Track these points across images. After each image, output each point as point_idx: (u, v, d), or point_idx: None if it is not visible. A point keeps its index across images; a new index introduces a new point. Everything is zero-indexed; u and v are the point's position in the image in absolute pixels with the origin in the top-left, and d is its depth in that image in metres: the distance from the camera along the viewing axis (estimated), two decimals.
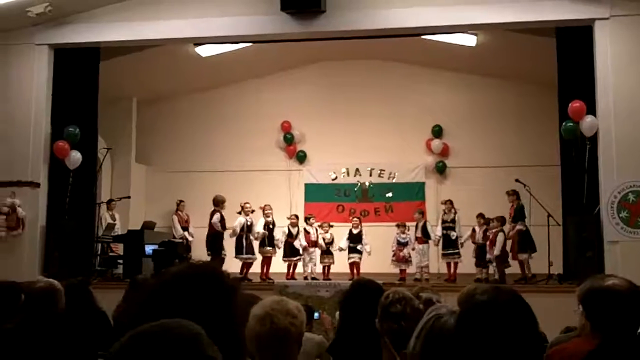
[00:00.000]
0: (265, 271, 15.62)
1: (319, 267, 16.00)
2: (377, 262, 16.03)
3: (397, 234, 15.92)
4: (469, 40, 16.89)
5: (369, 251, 15.94)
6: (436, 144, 20.00)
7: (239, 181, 19.16)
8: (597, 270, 11.48)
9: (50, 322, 4.84)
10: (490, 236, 14.65)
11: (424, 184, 20.15)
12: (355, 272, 15.71)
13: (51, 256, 14.12)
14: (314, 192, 20.33)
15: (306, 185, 20.57)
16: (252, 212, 15.91)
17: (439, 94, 20.08)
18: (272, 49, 17.78)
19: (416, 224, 16.20)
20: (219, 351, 1.63)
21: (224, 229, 15.70)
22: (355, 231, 16.17)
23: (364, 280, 5.46)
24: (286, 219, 16.41)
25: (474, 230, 15.42)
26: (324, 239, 15.96)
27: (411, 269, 15.77)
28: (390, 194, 19.89)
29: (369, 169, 20.34)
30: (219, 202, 15.90)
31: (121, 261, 15.50)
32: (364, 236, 16.10)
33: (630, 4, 12.97)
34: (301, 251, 15.89)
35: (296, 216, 16.64)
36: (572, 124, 12.98)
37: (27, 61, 14.51)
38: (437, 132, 20.12)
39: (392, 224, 17.01)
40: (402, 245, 15.69)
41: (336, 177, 20.56)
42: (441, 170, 20.10)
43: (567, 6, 13.17)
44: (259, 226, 15.78)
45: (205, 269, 2.54)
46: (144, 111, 20.26)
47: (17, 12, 13.61)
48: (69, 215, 14.37)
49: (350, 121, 19.89)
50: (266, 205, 16.06)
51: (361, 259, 15.93)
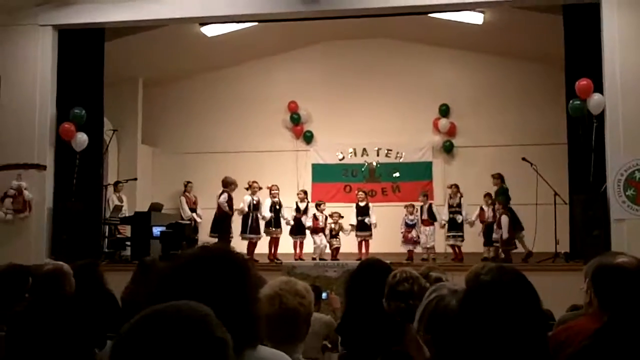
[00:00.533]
0: (273, 252, 15.63)
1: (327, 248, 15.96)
2: (384, 242, 16.04)
3: (405, 215, 15.88)
4: (476, 18, 16.81)
5: (375, 223, 15.92)
6: (443, 123, 19.96)
7: (245, 162, 19.16)
8: (604, 248, 11.45)
9: (59, 305, 4.84)
10: (497, 216, 14.65)
11: (431, 163, 20.14)
12: (364, 250, 15.79)
13: (59, 239, 14.14)
14: (321, 172, 20.33)
15: (313, 165, 20.58)
16: (259, 189, 15.89)
17: (446, 72, 20.03)
18: (278, 29, 17.72)
19: (421, 207, 16.11)
20: (227, 332, 1.63)
21: (231, 210, 15.67)
22: (362, 204, 16.16)
23: (372, 260, 5.46)
24: (296, 195, 16.45)
25: (482, 209, 15.42)
26: (331, 230, 15.87)
27: (418, 249, 15.76)
28: (397, 174, 19.89)
29: (376, 148, 20.32)
30: (228, 184, 15.86)
31: (129, 243, 15.55)
32: (371, 209, 16.09)
33: None
34: (309, 232, 15.88)
35: (304, 192, 16.64)
36: (579, 102, 12.92)
37: (31, 42, 14.46)
38: (444, 111, 20.07)
39: (400, 203, 17.02)
40: (410, 226, 15.67)
41: (343, 157, 20.55)
42: (448, 149, 20.07)
43: None
44: (266, 206, 15.75)
45: (219, 251, 2.55)
46: (149, 92, 20.23)
47: None
48: (75, 197, 14.36)
49: (357, 101, 19.87)
50: (273, 185, 15.99)
51: (371, 236, 15.93)
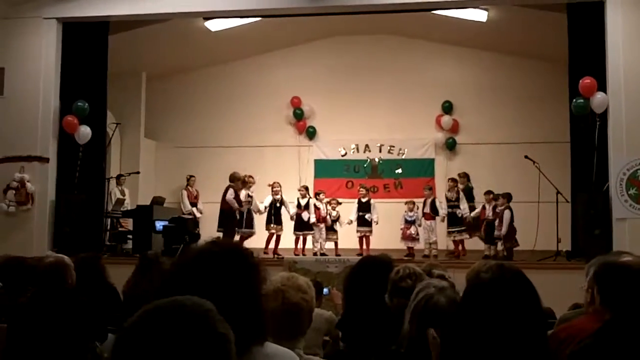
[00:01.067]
0: (274, 248, 15.65)
1: (328, 244, 15.99)
2: (385, 238, 16.06)
3: (405, 211, 15.90)
4: (479, 15, 16.80)
5: (377, 220, 15.96)
6: (446, 120, 19.95)
7: (248, 157, 19.17)
8: (606, 247, 11.48)
9: (60, 298, 4.86)
10: (498, 213, 14.68)
11: (433, 160, 20.12)
12: (365, 246, 15.80)
13: (61, 231, 14.16)
14: (323, 168, 20.33)
15: (316, 161, 20.57)
16: (254, 184, 15.97)
17: (450, 69, 20.02)
18: (282, 24, 17.72)
19: (424, 200, 16.09)
20: (231, 328, 1.64)
21: (240, 205, 15.63)
22: (364, 200, 16.19)
23: (372, 256, 5.47)
24: (297, 190, 16.41)
25: (483, 207, 15.45)
26: (330, 215, 15.95)
27: (419, 246, 15.77)
28: (399, 170, 19.87)
29: (379, 145, 20.32)
30: (234, 179, 15.79)
31: (130, 236, 15.57)
32: (372, 205, 16.10)
33: None
34: (312, 227, 15.91)
35: (305, 187, 16.60)
36: (582, 101, 12.92)
37: (35, 35, 14.47)
38: (447, 108, 20.05)
39: (402, 200, 16.97)
40: (409, 223, 15.67)
41: (346, 153, 20.54)
42: (451, 146, 20.06)
43: None
44: (265, 202, 15.89)
45: (229, 247, 2.56)
46: (153, 86, 20.22)
47: None
48: (78, 190, 14.38)
49: (360, 97, 19.86)
50: (275, 182, 16.04)
51: (371, 232, 15.94)
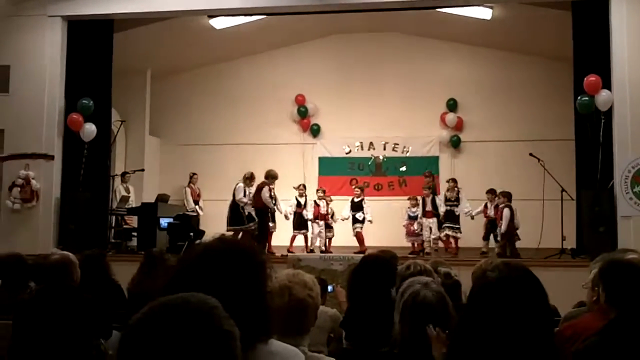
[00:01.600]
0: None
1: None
2: (390, 235, 16.19)
3: (409, 207, 15.93)
4: (484, 13, 16.79)
5: (370, 219, 16.05)
6: (450, 117, 19.93)
7: (252, 154, 19.18)
8: (611, 245, 11.47)
9: (65, 295, 4.86)
10: (500, 211, 14.76)
11: (437, 158, 20.12)
12: (359, 242, 15.88)
13: (66, 228, 14.18)
14: (327, 165, 20.33)
15: (320, 158, 20.57)
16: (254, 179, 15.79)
17: (454, 67, 20.02)
18: (286, 21, 17.73)
19: (423, 199, 16.14)
20: (236, 325, 1.64)
21: (276, 203, 15.53)
22: (356, 200, 16.30)
23: (375, 254, 5.47)
24: (293, 189, 16.40)
25: (485, 205, 15.57)
26: (326, 212, 16.09)
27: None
28: (404, 168, 19.87)
29: (383, 142, 20.31)
30: (270, 177, 15.42)
31: (135, 234, 15.58)
32: (365, 205, 16.20)
33: None
34: (310, 224, 15.99)
35: (304, 186, 16.61)
36: (587, 99, 12.90)
37: (40, 33, 14.51)
38: (452, 105, 20.05)
39: (406, 197, 16.98)
40: (412, 219, 15.72)
41: (350, 151, 20.54)
42: (455, 144, 20.05)
43: None
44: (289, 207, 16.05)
45: (235, 243, 2.56)
46: (157, 84, 20.23)
47: None
48: (83, 187, 14.40)
49: (364, 94, 19.87)
50: (300, 185, 16.50)
51: (362, 228, 16.03)
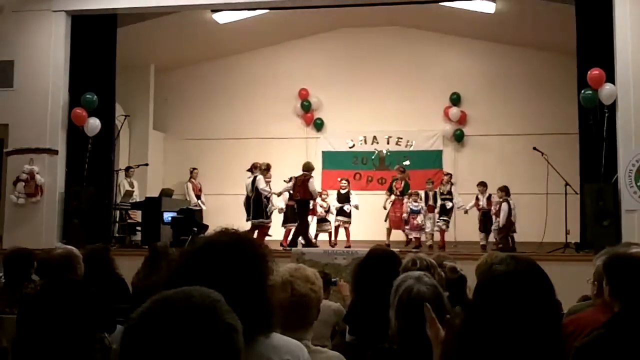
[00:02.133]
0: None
1: (322, 235, 16.26)
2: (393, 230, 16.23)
3: (410, 202, 15.96)
4: (487, 7, 16.77)
5: (356, 205, 16.19)
6: (454, 111, 19.92)
7: (256, 148, 19.13)
8: (615, 239, 11.45)
9: (69, 289, 4.86)
10: (496, 205, 15.01)
11: (441, 152, 20.10)
12: (345, 237, 16.05)
13: (70, 223, 14.21)
14: (331, 159, 20.32)
15: (323, 152, 20.54)
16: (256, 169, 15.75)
17: (458, 61, 19.99)
18: (290, 16, 17.73)
19: (426, 193, 16.27)
20: (237, 319, 1.64)
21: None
22: (343, 192, 16.46)
23: (381, 248, 5.48)
24: (284, 182, 16.16)
25: (477, 198, 15.75)
26: (321, 207, 16.21)
27: (422, 237, 15.87)
28: (407, 162, 19.83)
29: (387, 136, 20.30)
30: (310, 169, 15.58)
31: (139, 228, 15.60)
32: (351, 196, 16.35)
33: None
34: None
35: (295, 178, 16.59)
36: (590, 92, 12.88)
37: (44, 28, 14.52)
38: (455, 99, 20.02)
39: (418, 191, 16.94)
40: (415, 213, 15.76)
41: (353, 145, 20.53)
42: (459, 138, 20.03)
43: None
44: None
45: (237, 237, 2.57)
46: (161, 78, 20.26)
47: None
48: (87, 182, 14.42)
49: (367, 88, 19.85)
50: (323, 191, 16.79)
51: (350, 223, 16.18)
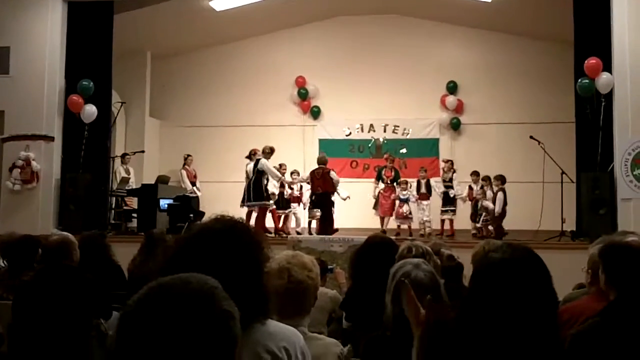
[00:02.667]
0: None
1: (304, 223, 16.25)
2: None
3: (399, 190, 15.99)
4: None
5: (347, 197, 16.03)
6: (451, 100, 19.93)
7: (252, 136, 19.10)
8: (610, 227, 11.49)
9: (65, 275, 4.86)
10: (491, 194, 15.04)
11: (438, 140, 20.14)
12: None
13: (66, 209, 14.21)
14: (327, 147, 20.25)
15: (320, 140, 20.54)
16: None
17: (455, 50, 20.00)
18: (286, 3, 17.72)
19: (418, 181, 16.35)
20: (234, 305, 1.64)
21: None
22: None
23: (378, 236, 5.49)
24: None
25: (470, 187, 15.76)
26: (300, 194, 16.46)
27: (414, 225, 15.98)
28: (404, 150, 19.85)
29: (383, 124, 20.32)
30: (325, 163, 15.71)
31: (135, 215, 15.59)
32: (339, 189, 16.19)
33: None
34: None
35: (285, 166, 16.73)
36: (587, 81, 12.88)
37: (41, 14, 14.48)
38: (452, 88, 20.03)
39: (407, 180, 16.97)
40: (402, 201, 15.82)
41: (350, 133, 20.55)
42: (455, 126, 20.06)
43: None
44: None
45: (232, 224, 2.56)
46: (158, 65, 20.23)
47: None
48: (83, 168, 14.41)
49: (364, 76, 19.85)
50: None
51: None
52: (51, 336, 2.58)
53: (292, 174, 16.58)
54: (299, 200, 16.48)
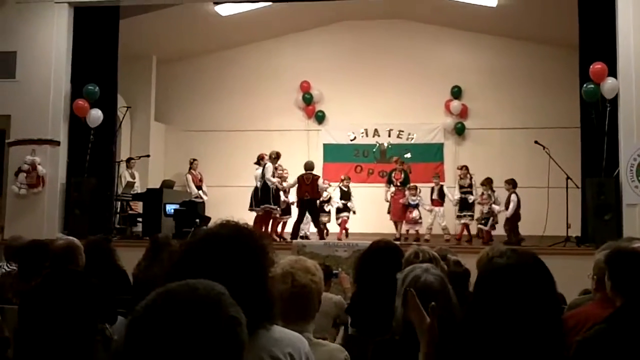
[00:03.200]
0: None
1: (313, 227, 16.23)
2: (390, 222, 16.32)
3: (408, 196, 15.96)
4: (490, 0, 16.75)
5: (354, 211, 16.39)
6: (455, 105, 19.93)
7: (257, 140, 19.13)
8: (616, 233, 11.47)
9: (71, 279, 4.87)
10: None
11: (442, 145, 20.14)
12: (343, 230, 16.31)
13: (71, 214, 14.22)
14: (332, 152, 20.34)
15: (325, 145, 20.58)
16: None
17: (459, 54, 20.00)
18: (292, 8, 17.72)
19: (432, 188, 16.38)
20: (241, 311, 1.65)
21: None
22: (345, 189, 16.57)
23: (383, 242, 5.49)
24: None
25: (482, 194, 15.64)
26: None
27: (422, 230, 15.95)
28: (408, 155, 19.83)
29: (388, 129, 20.32)
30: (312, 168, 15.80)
31: (140, 219, 15.61)
32: (352, 195, 16.54)
33: None
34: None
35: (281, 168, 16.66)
36: (593, 86, 12.87)
37: (47, 19, 14.50)
38: (457, 93, 20.03)
39: (417, 185, 16.97)
40: (412, 207, 15.79)
41: (355, 138, 20.55)
42: (460, 131, 20.05)
43: None
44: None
45: (238, 229, 2.57)
46: (163, 70, 20.25)
47: None
48: (88, 173, 14.41)
49: (369, 81, 19.85)
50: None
51: (349, 217, 16.37)
52: (56, 341, 2.59)
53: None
54: None
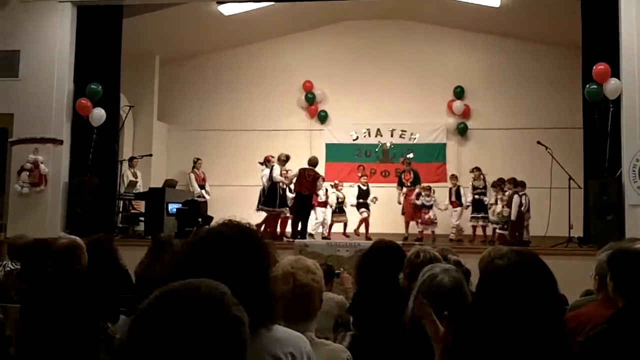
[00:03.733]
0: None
1: (337, 225, 16.31)
2: (395, 222, 16.35)
3: (423, 196, 15.93)
4: (492, 0, 16.74)
5: (375, 201, 16.53)
6: (458, 105, 19.92)
7: (260, 140, 19.18)
8: (618, 233, 11.47)
9: (74, 278, 4.88)
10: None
11: (445, 145, 20.12)
12: (365, 227, 16.38)
13: (73, 213, 14.22)
14: (335, 152, 20.33)
15: (327, 145, 20.56)
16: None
17: (462, 55, 19.98)
18: (295, 8, 17.73)
19: (450, 189, 16.48)
20: (244, 311, 1.65)
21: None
22: (364, 187, 16.69)
23: (384, 241, 5.48)
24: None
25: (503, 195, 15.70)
26: (337, 198, 16.53)
27: (438, 230, 15.92)
28: (411, 155, 19.81)
29: (390, 129, 20.31)
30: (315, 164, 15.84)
31: (142, 218, 15.61)
32: (370, 193, 16.66)
33: None
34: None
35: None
36: (595, 87, 12.87)
37: (50, 18, 14.52)
38: (459, 93, 20.02)
39: (430, 185, 16.94)
40: (427, 207, 15.77)
41: (357, 137, 20.54)
42: (462, 131, 20.04)
43: None
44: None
45: (238, 228, 2.57)
46: (166, 69, 20.26)
47: None
48: (91, 172, 14.42)
49: (372, 81, 19.85)
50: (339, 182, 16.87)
51: (369, 215, 16.42)
52: (58, 339, 2.60)
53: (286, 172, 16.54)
54: (325, 204, 16.53)
